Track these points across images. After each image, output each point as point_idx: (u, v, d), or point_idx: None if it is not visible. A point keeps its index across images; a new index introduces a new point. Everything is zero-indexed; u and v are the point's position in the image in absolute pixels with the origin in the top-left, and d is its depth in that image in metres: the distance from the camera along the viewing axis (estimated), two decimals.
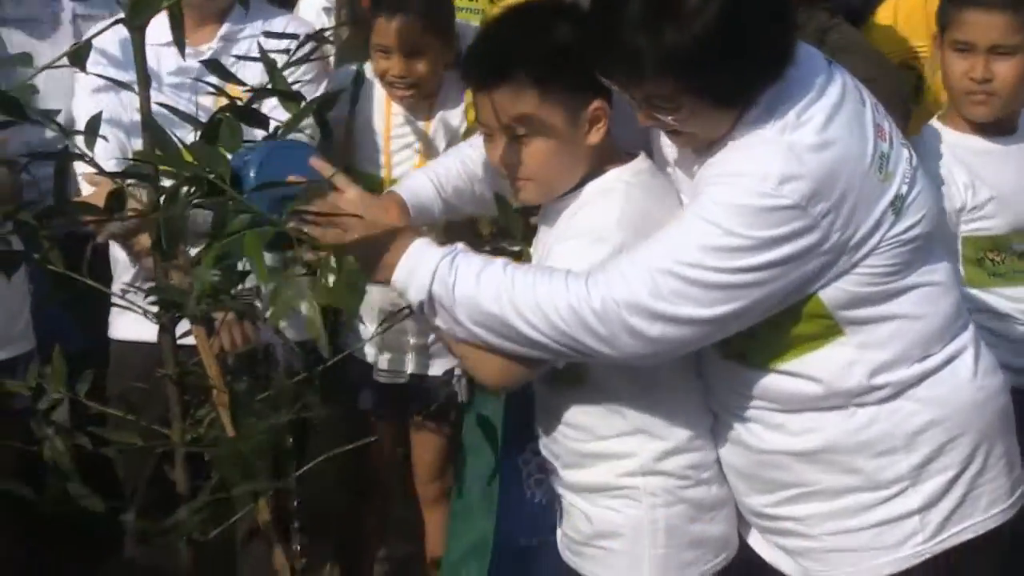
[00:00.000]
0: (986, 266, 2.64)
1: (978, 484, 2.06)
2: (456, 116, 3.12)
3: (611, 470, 2.12)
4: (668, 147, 2.14)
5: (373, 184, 2.95)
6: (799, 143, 1.90)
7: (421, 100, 3.05)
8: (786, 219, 1.85)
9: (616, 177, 2.06)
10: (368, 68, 3.13)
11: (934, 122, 2.66)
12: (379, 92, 3.10)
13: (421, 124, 3.11)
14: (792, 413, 2.05)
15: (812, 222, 1.87)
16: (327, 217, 1.94)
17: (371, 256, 2.02)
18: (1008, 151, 2.64)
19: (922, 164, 2.11)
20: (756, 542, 2.21)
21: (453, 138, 3.12)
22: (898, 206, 1.97)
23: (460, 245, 2.03)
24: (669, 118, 1.96)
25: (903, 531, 2.03)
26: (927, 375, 2.03)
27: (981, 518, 2.07)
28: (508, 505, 2.51)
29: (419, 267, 1.97)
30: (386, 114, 3.11)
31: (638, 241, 2.01)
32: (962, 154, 2.55)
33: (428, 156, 3.01)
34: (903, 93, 2.84)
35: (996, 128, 2.58)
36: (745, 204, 1.86)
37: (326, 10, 3.54)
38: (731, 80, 1.91)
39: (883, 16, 2.74)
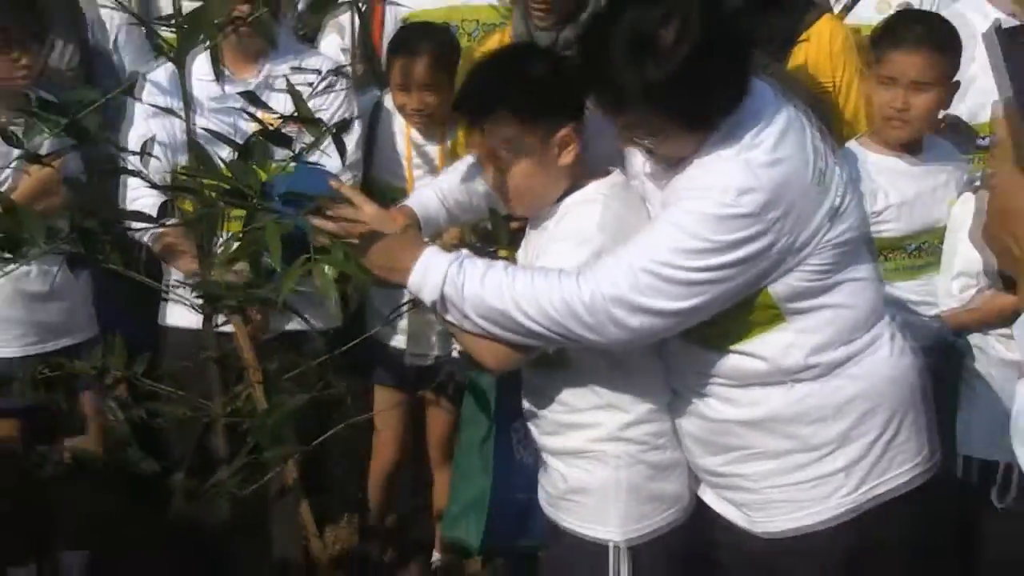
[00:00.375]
0: (881, 263, 2.69)
1: (893, 447, 2.18)
2: None
3: (583, 437, 2.22)
4: (640, 163, 2.22)
5: (397, 195, 3.08)
6: (754, 161, 2.01)
7: (434, 126, 3.16)
8: (744, 225, 1.97)
9: (595, 189, 2.16)
10: (387, 99, 3.24)
11: (851, 143, 2.75)
12: (399, 119, 3.21)
13: (435, 146, 3.22)
14: (742, 388, 2.15)
15: (765, 227, 1.98)
16: (346, 231, 2.05)
17: (387, 262, 2.10)
18: (911, 169, 2.74)
19: None
20: (707, 496, 2.28)
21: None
22: (833, 214, 2.06)
23: (465, 251, 2.12)
24: (646, 141, 2.07)
25: (831, 486, 2.15)
26: (852, 356, 2.15)
27: (895, 474, 2.18)
28: (501, 466, 2.56)
29: (431, 270, 2.07)
30: (406, 138, 3.25)
31: (616, 243, 2.10)
32: (873, 170, 2.64)
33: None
34: None
35: (905, 149, 2.68)
36: (710, 213, 1.97)
37: (343, 50, 3.63)
38: (698, 108, 2.01)
39: (796, 59, 2.85)
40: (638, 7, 2.02)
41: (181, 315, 2.97)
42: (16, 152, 2.34)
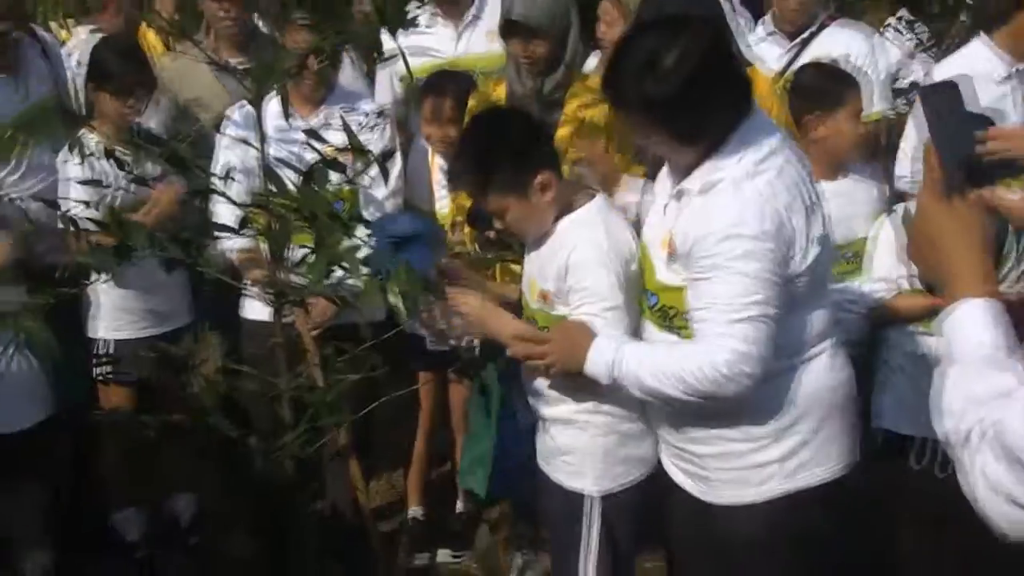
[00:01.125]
0: None
1: (822, 447, 2.29)
2: None
3: (569, 409, 2.43)
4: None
5: (430, 215, 3.35)
6: (762, 192, 2.10)
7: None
8: (765, 251, 2.10)
9: (588, 212, 2.36)
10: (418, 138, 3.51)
11: None
12: (426, 150, 3.48)
13: None
14: None
15: (776, 245, 2.11)
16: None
17: (569, 359, 2.29)
18: (840, 189, 2.94)
19: None
20: (665, 461, 2.44)
21: None
22: (819, 240, 2.19)
23: (624, 337, 2.30)
24: (642, 141, 2.26)
25: (766, 473, 2.26)
26: (797, 365, 2.25)
27: (824, 468, 2.29)
28: (504, 430, 2.75)
29: (600, 360, 2.25)
30: (432, 164, 3.51)
31: (619, 257, 2.32)
32: None
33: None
34: None
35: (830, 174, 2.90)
36: (740, 252, 2.09)
37: (402, 78, 3.75)
38: (691, 127, 2.14)
39: None
40: (655, 33, 2.16)
41: (255, 309, 3.25)
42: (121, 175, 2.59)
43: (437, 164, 3.53)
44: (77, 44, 4.20)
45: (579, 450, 2.43)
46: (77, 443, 3.67)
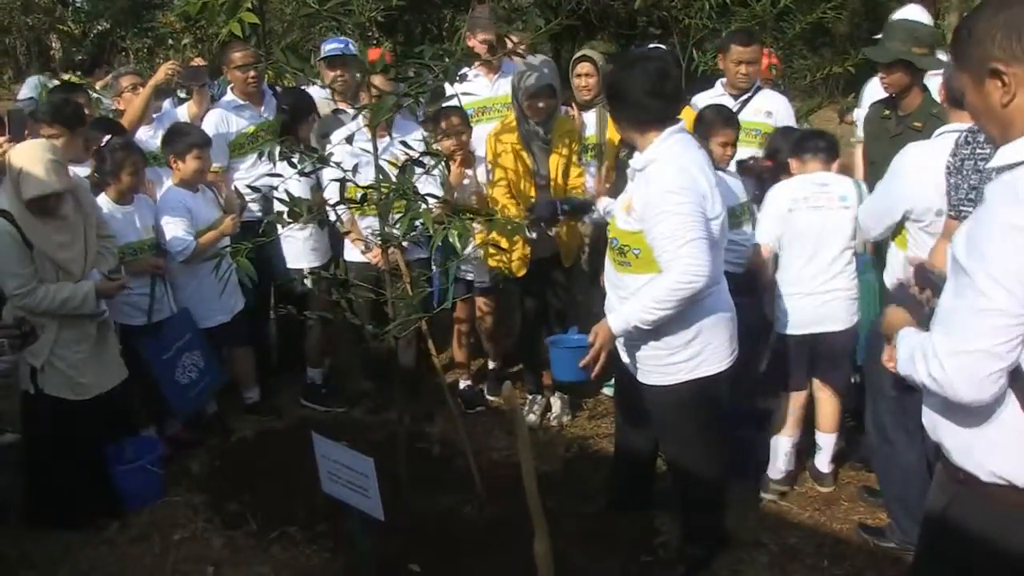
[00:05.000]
0: None
1: (712, 353, 2.80)
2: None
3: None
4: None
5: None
6: (685, 168, 2.62)
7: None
8: (688, 195, 2.58)
9: None
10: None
11: None
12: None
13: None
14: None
15: (694, 197, 2.59)
16: None
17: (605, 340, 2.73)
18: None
19: None
20: (622, 356, 2.98)
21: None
22: (719, 200, 2.67)
23: (618, 311, 2.74)
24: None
25: (675, 368, 2.82)
26: (700, 299, 2.71)
27: (709, 367, 2.81)
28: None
29: (617, 326, 2.69)
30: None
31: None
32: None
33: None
34: None
35: None
36: (676, 201, 2.57)
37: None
38: (639, 115, 2.71)
39: None
40: (632, 62, 2.77)
41: (355, 254, 4.12)
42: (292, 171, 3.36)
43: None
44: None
45: None
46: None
